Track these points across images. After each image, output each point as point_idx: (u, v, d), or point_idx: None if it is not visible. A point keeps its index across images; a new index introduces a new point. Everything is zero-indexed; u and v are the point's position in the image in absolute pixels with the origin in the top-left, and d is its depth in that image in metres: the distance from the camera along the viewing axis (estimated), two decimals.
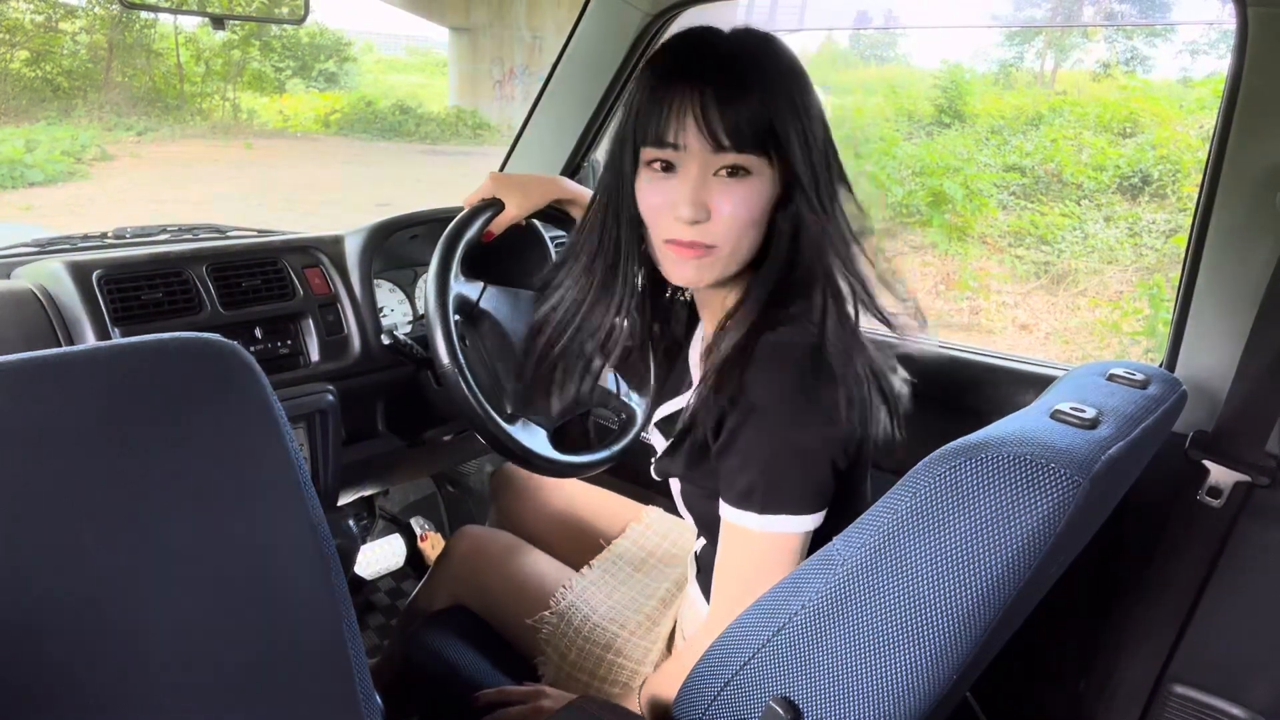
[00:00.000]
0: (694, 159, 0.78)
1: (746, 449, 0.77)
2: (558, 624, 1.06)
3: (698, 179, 0.78)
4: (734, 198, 0.78)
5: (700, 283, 0.84)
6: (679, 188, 0.79)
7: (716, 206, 0.78)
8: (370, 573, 1.85)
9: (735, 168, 0.78)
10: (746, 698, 0.71)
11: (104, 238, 1.32)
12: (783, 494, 0.77)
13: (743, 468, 0.78)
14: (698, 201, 0.78)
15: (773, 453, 0.76)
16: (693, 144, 0.77)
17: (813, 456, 0.77)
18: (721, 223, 0.79)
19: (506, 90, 13.96)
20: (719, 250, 0.80)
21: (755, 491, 0.77)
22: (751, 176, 0.78)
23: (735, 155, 0.77)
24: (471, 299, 1.21)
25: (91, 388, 0.59)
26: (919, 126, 7.87)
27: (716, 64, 0.78)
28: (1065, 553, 0.76)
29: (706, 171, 0.78)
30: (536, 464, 1.15)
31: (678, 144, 0.78)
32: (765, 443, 0.76)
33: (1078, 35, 10.60)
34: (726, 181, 0.78)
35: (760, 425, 0.76)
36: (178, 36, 12.31)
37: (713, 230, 0.79)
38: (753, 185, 0.78)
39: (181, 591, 0.60)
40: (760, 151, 0.77)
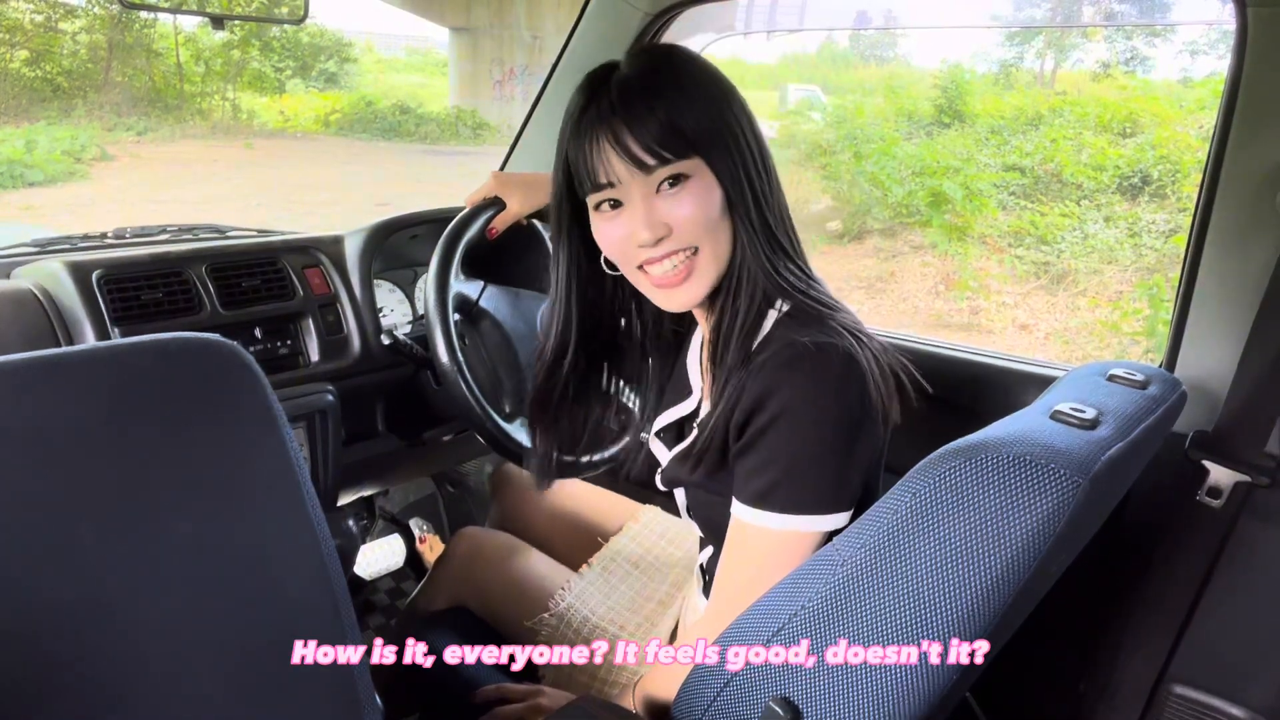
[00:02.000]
0: (632, 187, 0.81)
1: (773, 449, 0.77)
2: (557, 625, 1.06)
3: (643, 203, 0.80)
4: (686, 202, 0.80)
5: (695, 300, 0.85)
6: (631, 218, 0.81)
7: (673, 218, 0.80)
8: (370, 573, 1.85)
9: (673, 177, 0.80)
10: (746, 698, 0.71)
11: (104, 238, 1.32)
12: (805, 495, 0.77)
13: (764, 468, 0.77)
14: (652, 222, 0.80)
15: (801, 453, 0.76)
16: (623, 174, 0.80)
17: (839, 460, 0.77)
18: (687, 228, 0.80)
19: (506, 90, 13.97)
20: (703, 251, 0.82)
21: (778, 490, 0.77)
22: (691, 179, 0.80)
23: (665, 169, 0.79)
24: (471, 298, 1.21)
25: (91, 388, 0.59)
26: (919, 126, 7.88)
27: (622, 97, 0.80)
28: (1065, 553, 0.76)
29: (649, 192, 0.80)
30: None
31: (611, 181, 0.81)
32: (794, 445, 0.76)
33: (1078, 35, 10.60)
34: (671, 192, 0.80)
35: (789, 427, 0.76)
36: (178, 36, 12.32)
37: (680, 237, 0.81)
38: (693, 187, 0.80)
39: (181, 591, 0.60)
40: (688, 155, 0.79)
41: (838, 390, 0.76)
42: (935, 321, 5.46)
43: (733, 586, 0.83)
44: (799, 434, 0.76)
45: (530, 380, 1.22)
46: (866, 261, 6.38)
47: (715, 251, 0.82)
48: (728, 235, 0.82)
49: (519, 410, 1.19)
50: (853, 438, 0.77)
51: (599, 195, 0.83)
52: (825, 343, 0.76)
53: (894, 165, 6.64)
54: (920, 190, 6.34)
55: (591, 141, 0.80)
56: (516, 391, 1.20)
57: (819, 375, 0.75)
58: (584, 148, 0.81)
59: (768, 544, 0.79)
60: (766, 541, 0.79)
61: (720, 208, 0.81)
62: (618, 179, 0.80)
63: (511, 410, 1.19)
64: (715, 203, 0.81)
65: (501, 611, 1.12)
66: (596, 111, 0.80)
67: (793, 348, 0.77)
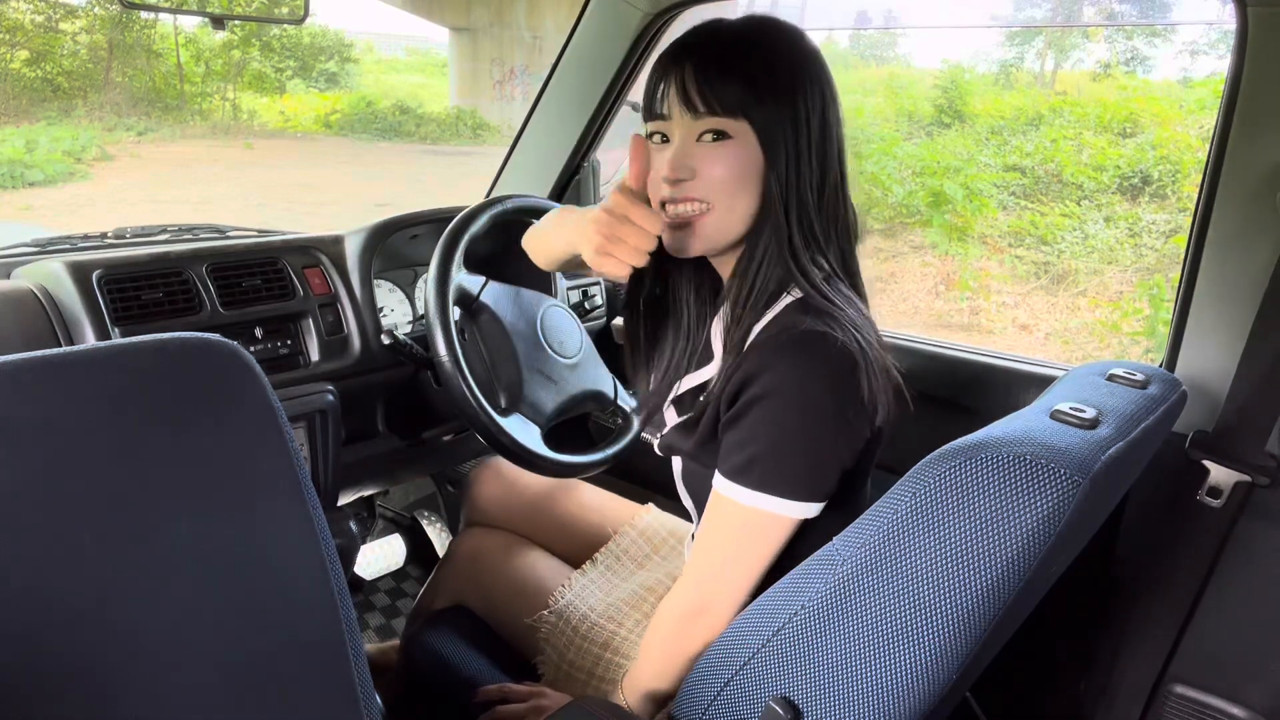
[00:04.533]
0: (678, 125, 0.84)
1: (756, 425, 0.78)
2: (556, 623, 1.06)
3: (682, 144, 0.83)
4: (716, 159, 0.82)
5: (693, 250, 0.86)
6: (667, 153, 0.84)
7: (700, 168, 0.83)
8: (370, 573, 1.85)
9: (716, 132, 0.82)
10: (746, 698, 0.72)
11: (104, 238, 1.32)
12: (781, 476, 0.77)
13: (747, 442, 0.78)
14: (679, 163, 0.83)
15: (783, 434, 0.77)
16: (676, 112, 0.83)
17: (819, 448, 0.78)
18: (708, 182, 0.83)
19: (506, 90, 13.96)
20: (713, 210, 0.84)
21: (755, 466, 0.78)
22: (733, 139, 0.82)
23: (712, 119, 0.82)
24: (472, 292, 1.21)
25: (91, 388, 0.59)
26: (919, 126, 7.88)
27: (705, 42, 0.84)
28: (1065, 552, 0.76)
29: (689, 136, 0.83)
30: (529, 460, 1.15)
31: (665, 113, 0.84)
32: (776, 425, 0.77)
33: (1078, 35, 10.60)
34: (709, 145, 0.83)
35: (776, 408, 0.76)
36: (178, 36, 12.32)
37: (700, 187, 0.83)
38: (734, 148, 0.82)
39: (181, 591, 0.60)
40: (737, 115, 0.81)
41: (829, 380, 0.76)
42: (935, 321, 5.46)
43: (704, 559, 0.84)
44: (783, 415, 0.77)
45: (529, 379, 1.22)
46: (866, 261, 6.27)
47: (727, 217, 0.84)
48: (749, 208, 0.84)
49: (515, 406, 1.19)
50: (837, 431, 0.78)
51: (652, 124, 0.86)
52: (825, 332, 0.77)
53: (894, 165, 6.64)
54: (920, 190, 6.34)
55: (665, 71, 0.84)
56: (513, 387, 1.20)
57: (811, 361, 0.76)
58: (659, 74, 0.85)
59: (740, 519, 0.80)
60: (739, 516, 0.80)
61: (752, 179, 0.83)
62: (669, 113, 0.84)
63: (507, 406, 1.19)
64: (748, 172, 0.82)
65: (502, 610, 1.12)
66: (682, 47, 0.84)
67: (791, 331, 0.78)
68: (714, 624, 0.82)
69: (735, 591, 0.82)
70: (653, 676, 0.87)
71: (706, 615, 0.82)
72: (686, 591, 0.85)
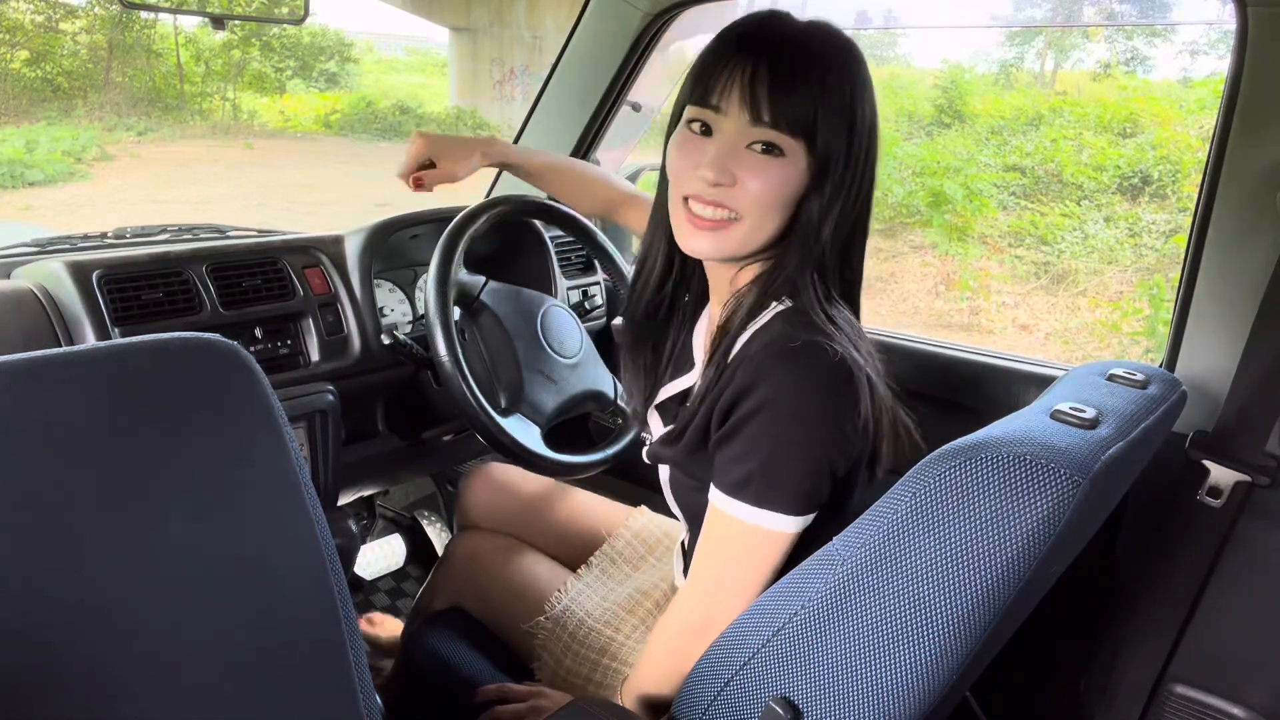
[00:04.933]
0: (731, 125, 0.78)
1: (751, 440, 0.76)
2: (553, 629, 1.05)
3: (729, 145, 0.78)
4: (762, 174, 0.78)
5: (713, 255, 0.83)
6: (709, 150, 0.79)
7: (743, 179, 0.78)
8: (370, 573, 1.85)
9: (769, 145, 0.77)
10: (746, 698, 0.71)
11: (104, 238, 1.32)
12: (778, 491, 0.76)
13: (743, 458, 0.77)
14: (723, 166, 0.78)
15: (777, 449, 0.76)
16: (733, 110, 0.77)
17: (815, 461, 0.76)
18: (746, 195, 0.78)
19: (506, 90, 13.95)
20: (742, 223, 0.80)
21: (752, 482, 0.77)
22: (784, 158, 0.78)
23: (771, 132, 0.77)
24: (473, 291, 1.21)
25: (91, 388, 0.59)
26: (919, 126, 7.88)
27: (778, 43, 0.78)
28: (1065, 552, 0.76)
29: (740, 141, 0.78)
30: (528, 460, 1.15)
31: (719, 107, 0.78)
32: (773, 437, 0.76)
33: (1078, 35, 10.60)
34: (758, 157, 0.78)
35: (771, 420, 0.75)
36: (178, 36, 12.31)
37: (736, 197, 0.79)
38: (783, 167, 0.78)
39: (181, 591, 0.60)
40: (798, 135, 0.77)
41: (824, 391, 0.75)
42: (935, 321, 5.46)
43: (704, 575, 0.83)
44: (779, 429, 0.75)
45: (529, 379, 1.22)
46: (866, 262, 6.34)
47: (755, 232, 0.80)
48: (776, 226, 0.81)
49: (515, 406, 1.19)
50: (833, 442, 0.76)
51: (699, 111, 0.80)
52: (820, 343, 0.75)
53: (894, 165, 6.64)
54: (920, 190, 6.34)
55: (733, 60, 0.77)
56: (513, 387, 1.20)
57: (808, 373, 0.75)
58: (716, 66, 0.78)
59: (738, 536, 0.79)
60: (737, 532, 0.79)
61: (789, 199, 0.80)
62: (725, 109, 0.78)
63: (507, 406, 1.19)
64: (789, 192, 0.79)
65: (500, 613, 1.12)
66: (752, 40, 0.78)
67: (784, 340, 0.76)
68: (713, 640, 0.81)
69: (736, 607, 0.81)
70: (652, 687, 0.87)
71: (708, 633, 0.81)
72: (688, 609, 0.84)
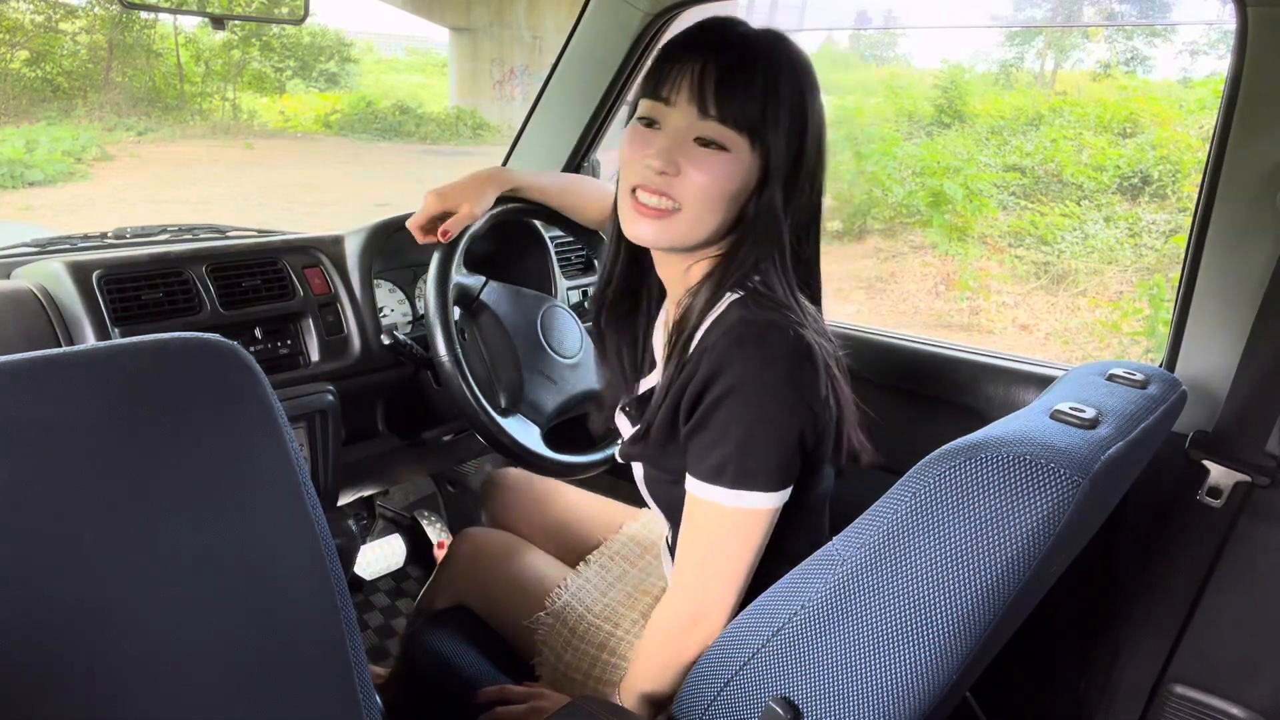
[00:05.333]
0: (679, 118, 0.81)
1: (723, 426, 0.78)
2: (553, 624, 1.06)
3: (677, 137, 0.81)
4: (706, 167, 0.81)
5: (657, 243, 0.86)
6: (657, 141, 0.82)
7: (687, 170, 0.81)
8: (370, 573, 1.85)
9: (714, 139, 0.80)
10: (746, 698, 0.72)
11: (104, 238, 1.32)
12: (755, 471, 0.78)
13: (717, 444, 0.78)
14: (669, 156, 0.81)
15: (749, 430, 0.77)
16: (682, 103, 0.81)
17: (786, 437, 0.78)
18: (689, 186, 0.81)
19: (506, 90, 13.96)
20: (682, 214, 0.82)
21: (728, 467, 0.78)
22: (729, 154, 0.81)
23: (717, 126, 0.80)
24: (472, 291, 1.21)
25: (91, 388, 0.59)
26: (919, 126, 7.87)
27: (729, 44, 0.81)
28: (1065, 553, 0.76)
29: (687, 134, 0.81)
30: (528, 460, 1.15)
31: (669, 100, 0.81)
32: (744, 420, 0.77)
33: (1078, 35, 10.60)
34: (704, 150, 0.81)
35: (739, 403, 0.77)
36: (178, 36, 12.31)
37: (678, 187, 0.81)
38: (727, 162, 0.81)
39: (181, 590, 0.60)
40: (743, 131, 0.80)
41: (787, 368, 0.77)
42: (935, 321, 5.46)
43: (690, 564, 0.84)
44: (749, 410, 0.77)
45: (529, 379, 1.22)
46: (866, 262, 6.38)
47: (697, 223, 0.83)
48: (717, 222, 0.83)
49: (515, 406, 1.19)
50: (800, 417, 0.78)
51: (651, 105, 0.83)
52: (777, 321, 0.78)
53: (894, 165, 6.64)
54: (920, 190, 6.34)
55: (681, 60, 0.81)
56: (513, 387, 1.20)
57: (769, 353, 0.77)
58: (667, 63, 0.82)
59: (720, 520, 0.80)
60: (719, 518, 0.80)
61: (731, 196, 0.82)
62: (674, 101, 0.81)
63: (507, 406, 1.19)
64: (732, 187, 0.81)
65: (502, 610, 1.12)
66: (704, 41, 0.81)
67: (743, 325, 0.78)
68: (709, 630, 0.82)
69: (727, 594, 0.82)
70: (650, 683, 0.87)
71: (702, 623, 0.82)
72: (679, 600, 0.85)
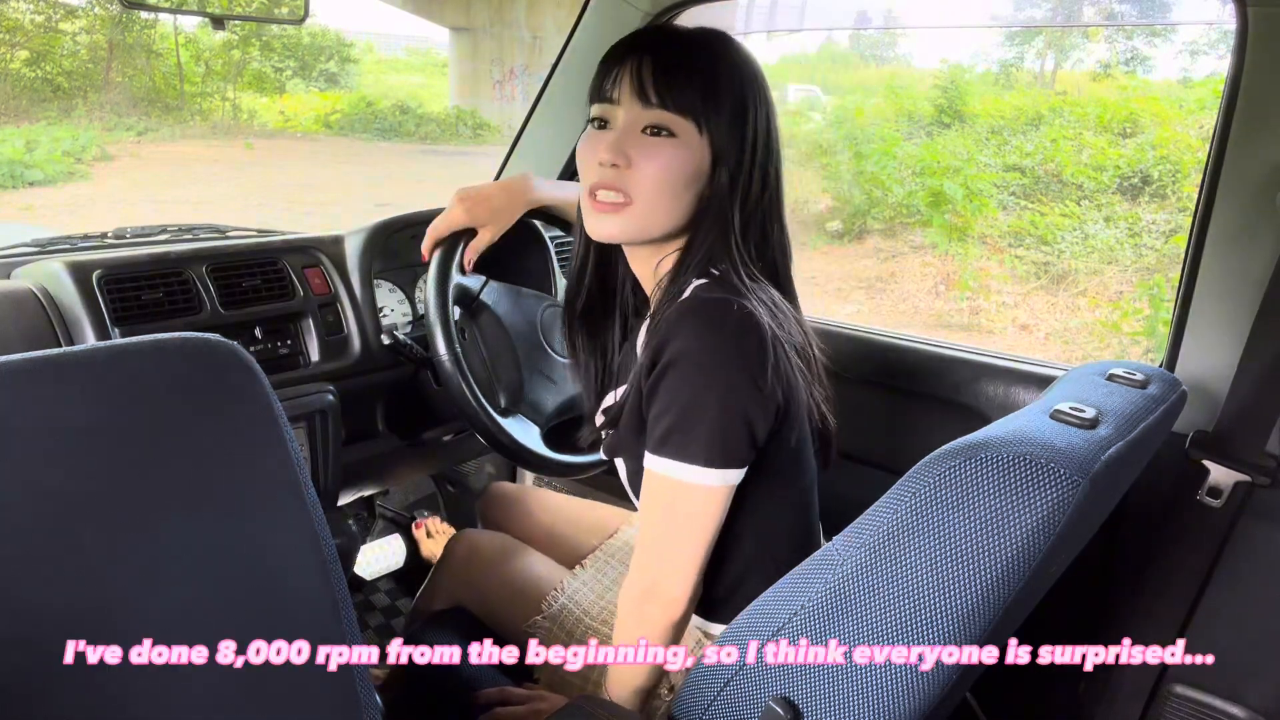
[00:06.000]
0: (624, 112, 0.84)
1: (669, 393, 0.78)
2: (550, 627, 1.05)
3: (623, 129, 0.84)
4: (655, 155, 0.82)
5: (619, 237, 0.87)
6: (603, 136, 0.84)
7: (637, 161, 0.83)
8: (370, 573, 1.85)
9: (660, 127, 0.82)
10: (746, 697, 0.71)
11: (104, 238, 1.32)
12: (695, 441, 0.78)
13: (663, 413, 0.79)
14: (618, 149, 0.83)
15: (693, 399, 0.77)
16: (625, 98, 0.83)
17: (729, 411, 0.77)
18: (640, 176, 0.83)
19: (506, 90, 13.96)
20: (637, 205, 0.84)
21: (672, 435, 0.78)
22: (676, 139, 0.83)
23: (661, 113, 0.82)
24: (472, 292, 1.21)
25: (91, 388, 0.59)
26: (919, 126, 7.87)
27: (665, 39, 0.85)
28: (1065, 552, 0.76)
29: (635, 125, 0.83)
30: (528, 460, 1.15)
31: (613, 98, 0.84)
32: (687, 388, 0.77)
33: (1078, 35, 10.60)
34: (651, 139, 0.83)
35: (683, 371, 0.77)
36: (178, 36, 12.31)
37: (629, 179, 0.83)
38: (676, 147, 0.83)
39: (181, 591, 0.60)
40: (686, 115, 0.82)
41: (731, 342, 0.77)
42: (935, 322, 5.46)
43: (645, 539, 0.84)
44: (690, 380, 0.77)
45: (529, 379, 1.22)
46: (866, 261, 6.38)
47: (652, 213, 0.84)
48: (674, 211, 0.85)
49: (515, 406, 1.19)
50: (744, 394, 0.78)
51: (599, 107, 0.86)
52: (724, 299, 0.78)
53: (894, 165, 6.64)
54: (920, 190, 6.34)
55: (621, 59, 0.84)
56: (513, 387, 1.20)
57: (712, 325, 0.77)
58: (613, 61, 0.85)
59: (667, 493, 0.80)
60: (665, 490, 0.80)
61: (683, 183, 0.83)
62: (618, 98, 0.84)
63: (507, 406, 1.19)
64: (682, 175, 0.83)
65: (499, 612, 1.12)
66: (641, 39, 0.85)
67: (692, 300, 0.80)
68: (667, 604, 0.82)
69: (681, 568, 0.82)
70: (626, 671, 0.87)
71: (657, 596, 0.83)
72: (635, 573, 0.85)
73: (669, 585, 0.82)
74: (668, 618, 0.83)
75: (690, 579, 0.82)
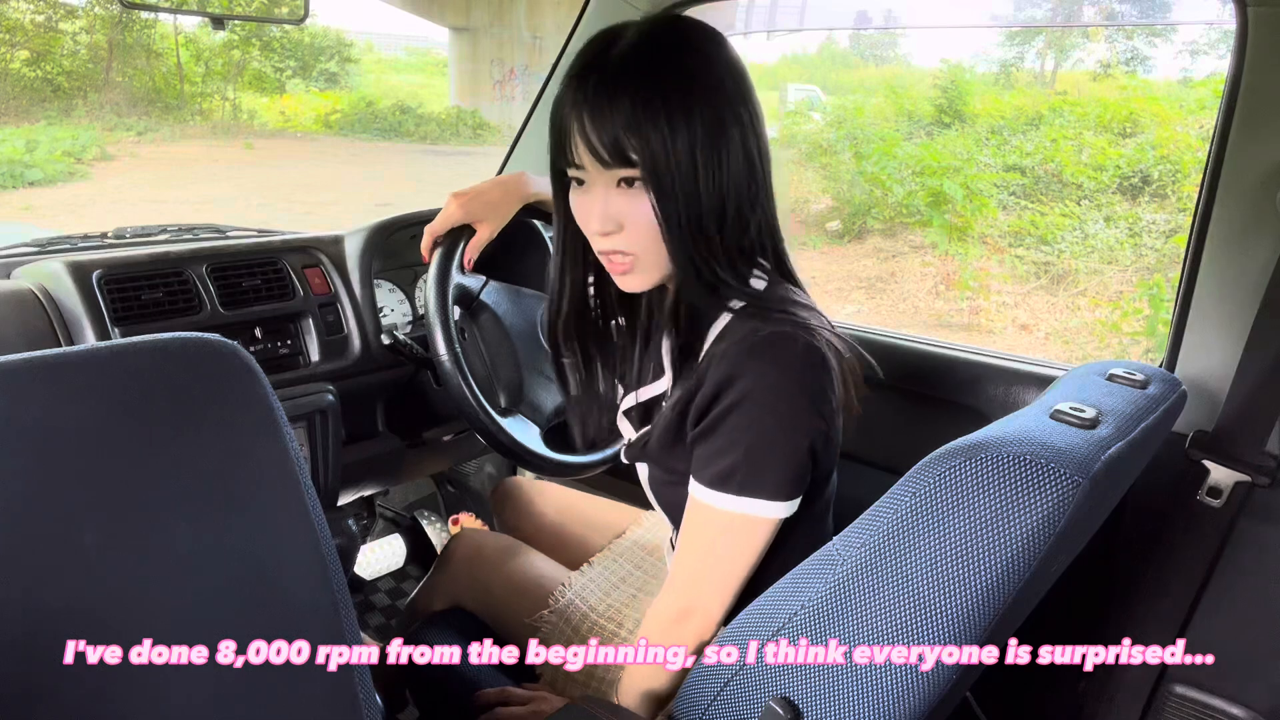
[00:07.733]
0: (591, 175, 0.80)
1: (732, 434, 0.78)
2: (556, 623, 1.06)
3: (602, 193, 0.80)
4: (640, 210, 0.79)
5: (643, 287, 0.86)
6: (592, 203, 0.81)
7: (626, 219, 0.80)
8: (370, 573, 1.85)
9: (630, 179, 0.79)
10: (746, 697, 0.71)
11: (104, 238, 1.32)
12: (764, 480, 0.78)
13: (725, 451, 0.78)
14: (605, 215, 0.80)
15: (760, 439, 0.77)
16: (586, 162, 0.79)
17: (797, 446, 0.78)
18: (634, 234, 0.80)
19: (506, 90, 13.97)
20: (644, 258, 0.82)
21: (736, 473, 0.78)
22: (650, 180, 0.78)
23: (622, 169, 0.78)
24: (472, 291, 1.21)
25: (91, 388, 0.59)
26: (919, 126, 7.88)
27: (596, 79, 0.77)
28: (1065, 552, 0.76)
29: (609, 185, 0.80)
30: (528, 460, 1.15)
31: (577, 163, 0.81)
32: (754, 429, 0.77)
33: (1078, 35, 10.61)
34: (628, 192, 0.80)
35: (752, 413, 0.77)
36: (178, 36, 12.32)
37: (628, 240, 0.81)
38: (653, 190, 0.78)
39: (181, 590, 0.60)
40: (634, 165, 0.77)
41: (800, 378, 0.77)
42: (935, 321, 5.46)
43: (687, 564, 0.84)
44: (760, 420, 0.77)
45: (529, 379, 1.22)
46: (866, 261, 6.38)
47: (657, 260, 0.82)
48: None
49: (515, 406, 1.19)
50: (812, 428, 0.78)
51: (570, 171, 0.83)
52: (785, 332, 0.77)
53: (894, 165, 6.65)
54: (920, 190, 6.34)
55: (568, 119, 0.79)
56: (513, 387, 1.20)
57: (781, 363, 0.76)
58: (563, 122, 0.80)
59: (721, 525, 0.80)
60: (720, 522, 0.80)
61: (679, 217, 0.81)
62: (582, 162, 0.80)
63: (507, 406, 1.19)
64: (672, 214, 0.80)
65: (501, 611, 1.12)
66: (579, 89, 0.78)
67: (754, 335, 0.78)
68: (702, 625, 0.83)
69: (721, 594, 0.82)
70: (646, 679, 0.87)
71: (693, 617, 0.82)
72: (671, 595, 0.85)
73: (709, 608, 0.82)
74: (699, 638, 0.83)
75: (729, 601, 0.82)
